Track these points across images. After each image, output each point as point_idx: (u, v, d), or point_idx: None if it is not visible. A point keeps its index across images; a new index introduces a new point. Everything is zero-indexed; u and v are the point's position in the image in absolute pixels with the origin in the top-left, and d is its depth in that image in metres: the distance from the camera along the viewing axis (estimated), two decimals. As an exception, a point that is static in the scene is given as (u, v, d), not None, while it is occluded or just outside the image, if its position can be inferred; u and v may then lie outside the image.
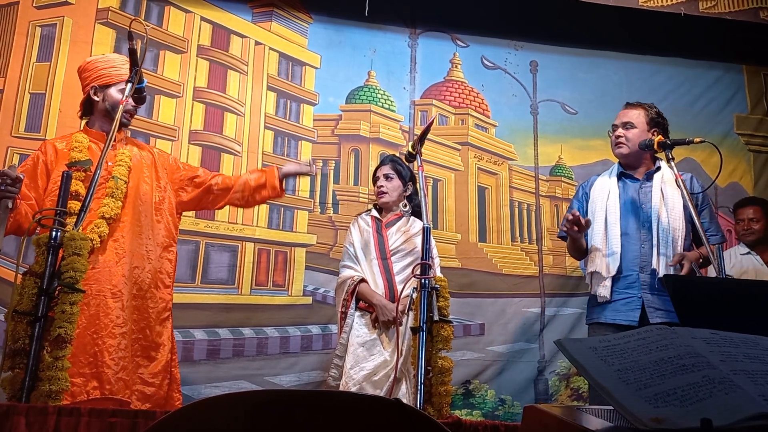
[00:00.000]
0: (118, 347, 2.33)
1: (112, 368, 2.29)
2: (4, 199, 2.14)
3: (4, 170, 2.14)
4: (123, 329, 2.37)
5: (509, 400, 3.91)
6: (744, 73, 4.76)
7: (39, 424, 1.49)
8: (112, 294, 2.38)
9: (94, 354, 2.28)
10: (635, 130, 2.84)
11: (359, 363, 2.80)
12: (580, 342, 0.92)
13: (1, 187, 2.13)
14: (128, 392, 2.34)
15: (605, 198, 2.86)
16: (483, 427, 1.63)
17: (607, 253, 2.77)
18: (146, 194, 2.59)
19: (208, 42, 4.05)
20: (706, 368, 0.80)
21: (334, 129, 4.18)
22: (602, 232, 2.81)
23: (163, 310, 2.55)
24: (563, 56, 4.58)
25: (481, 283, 4.12)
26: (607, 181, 2.91)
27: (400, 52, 4.38)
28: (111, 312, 2.35)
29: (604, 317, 2.79)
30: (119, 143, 2.63)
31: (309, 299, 3.87)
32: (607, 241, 2.79)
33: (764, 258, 3.83)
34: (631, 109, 2.92)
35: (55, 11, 3.80)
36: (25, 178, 2.45)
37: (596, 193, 2.91)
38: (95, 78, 2.59)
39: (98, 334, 2.31)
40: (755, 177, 4.58)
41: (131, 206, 2.52)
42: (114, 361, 2.31)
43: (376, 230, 3.05)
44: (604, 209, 2.84)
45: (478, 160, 4.36)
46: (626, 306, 2.73)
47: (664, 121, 2.90)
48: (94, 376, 2.26)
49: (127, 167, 2.53)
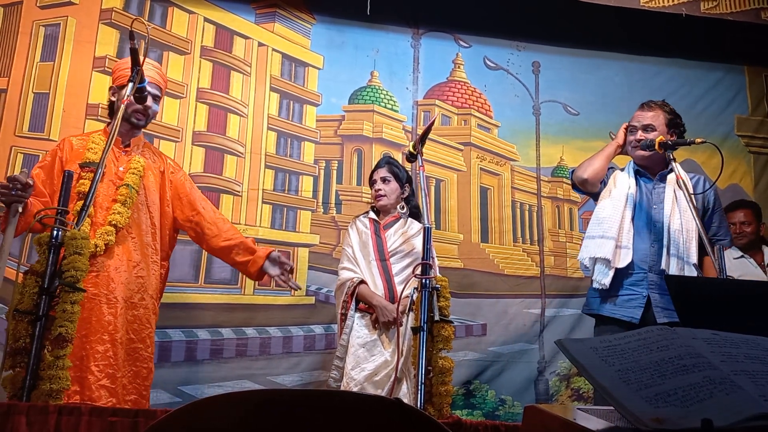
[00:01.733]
0: (105, 354, 2.32)
1: (95, 374, 2.28)
2: (14, 204, 2.15)
3: (15, 176, 2.17)
4: (114, 336, 2.36)
5: (509, 401, 3.91)
6: (745, 74, 4.75)
7: (40, 423, 1.49)
8: (108, 300, 2.38)
9: (80, 358, 2.27)
10: (656, 132, 2.80)
11: (360, 364, 2.81)
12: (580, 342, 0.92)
13: (12, 192, 2.15)
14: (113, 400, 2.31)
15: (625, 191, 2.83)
16: (483, 427, 1.63)
17: (621, 245, 2.76)
18: (153, 205, 2.61)
19: (211, 43, 4.06)
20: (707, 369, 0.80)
21: (337, 129, 4.18)
22: (618, 221, 2.79)
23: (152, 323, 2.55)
24: (565, 57, 4.58)
25: (482, 284, 4.12)
26: (626, 176, 2.89)
27: (402, 52, 4.38)
28: (103, 317, 2.35)
29: (603, 310, 2.77)
30: (134, 149, 2.64)
31: (312, 299, 3.87)
32: (621, 233, 2.77)
33: (757, 260, 3.83)
34: (648, 110, 2.87)
35: (59, 11, 3.81)
36: (42, 174, 2.48)
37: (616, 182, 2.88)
38: (115, 79, 2.64)
39: (87, 338, 2.30)
40: (755, 179, 4.57)
41: (137, 215, 2.53)
42: (98, 368, 2.29)
43: (375, 232, 3.07)
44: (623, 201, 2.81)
45: (481, 160, 4.36)
46: (629, 302, 2.72)
47: (679, 120, 2.87)
48: (77, 379, 2.24)
49: (140, 176, 2.55)
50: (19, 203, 2.16)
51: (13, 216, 2.13)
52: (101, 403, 2.26)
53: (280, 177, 4.00)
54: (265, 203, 3.92)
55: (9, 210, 2.16)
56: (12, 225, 2.11)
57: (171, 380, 3.44)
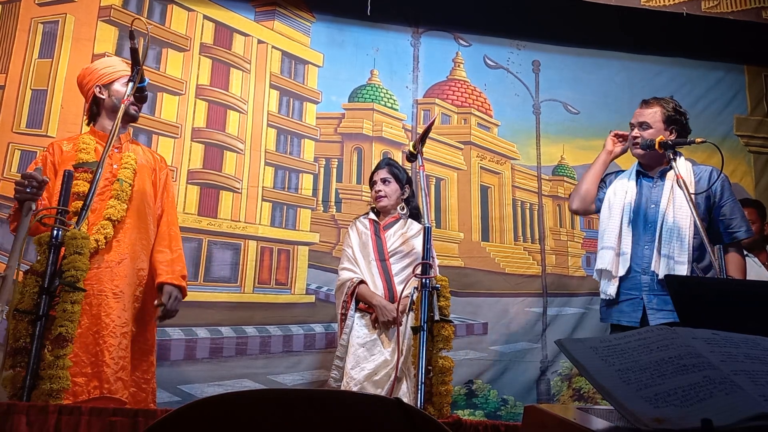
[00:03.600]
0: (119, 346, 2.34)
1: (111, 367, 2.30)
2: (27, 201, 2.13)
3: (31, 173, 2.15)
4: (124, 329, 2.38)
5: (512, 401, 3.91)
6: (745, 73, 4.74)
7: (40, 423, 1.49)
8: (114, 294, 2.39)
9: (95, 353, 2.30)
10: (651, 130, 2.78)
11: (360, 363, 2.82)
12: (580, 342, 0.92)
13: (27, 190, 2.13)
14: (126, 393, 2.35)
15: (623, 198, 2.84)
16: (483, 427, 1.63)
17: (620, 253, 2.76)
18: (149, 197, 2.62)
19: (210, 40, 4.05)
20: (707, 368, 0.80)
21: (336, 127, 4.18)
22: (617, 230, 2.79)
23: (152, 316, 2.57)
24: (565, 56, 4.58)
25: (483, 283, 4.12)
26: (626, 182, 2.89)
27: (402, 51, 4.38)
28: (112, 312, 2.37)
29: (611, 318, 2.79)
30: (124, 144, 2.65)
31: (312, 297, 3.87)
32: (620, 241, 2.78)
33: (761, 259, 3.82)
34: (647, 108, 2.85)
35: (58, 8, 3.81)
36: None
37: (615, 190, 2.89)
38: (97, 78, 2.63)
39: (99, 333, 2.32)
40: (756, 178, 4.57)
41: (134, 208, 2.55)
42: (114, 360, 2.31)
43: (375, 233, 3.08)
44: (621, 209, 2.82)
45: (481, 159, 4.36)
46: (630, 307, 2.72)
47: (681, 116, 2.83)
48: (95, 375, 2.27)
49: (132, 170, 2.57)
50: (33, 201, 2.15)
51: (26, 214, 2.10)
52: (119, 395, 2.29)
53: (280, 174, 4.00)
54: (265, 201, 3.92)
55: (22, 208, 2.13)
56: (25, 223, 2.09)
57: (170, 379, 3.44)
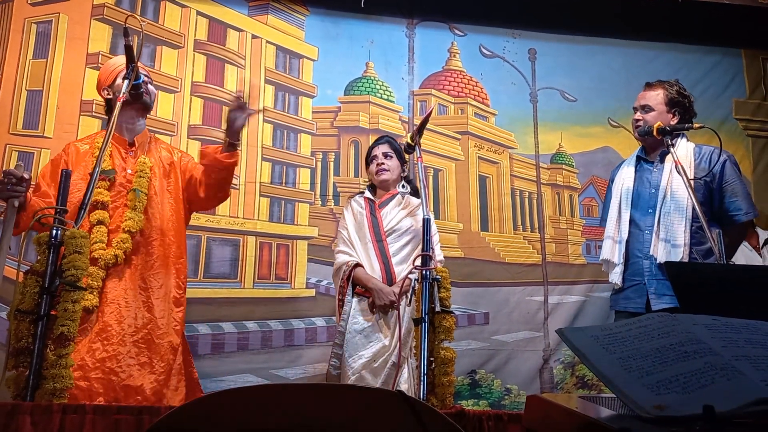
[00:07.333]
0: (128, 355, 2.33)
1: (119, 375, 2.29)
2: (11, 199, 2.13)
3: (9, 170, 2.14)
4: (135, 338, 2.37)
5: (516, 390, 3.92)
6: (743, 57, 4.73)
7: (44, 422, 1.49)
8: (126, 303, 2.38)
9: (101, 360, 2.28)
10: (653, 113, 2.78)
11: (357, 351, 2.78)
12: (581, 331, 0.92)
13: (8, 187, 2.12)
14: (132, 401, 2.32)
15: (620, 185, 2.85)
16: (486, 417, 1.64)
17: (618, 240, 2.77)
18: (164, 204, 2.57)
19: (204, 36, 4.04)
20: (708, 355, 0.80)
21: (333, 121, 4.17)
22: (615, 218, 2.80)
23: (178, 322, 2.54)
24: (561, 44, 4.56)
25: (484, 272, 4.12)
26: (626, 169, 2.89)
27: (397, 42, 4.36)
28: (124, 320, 2.35)
29: (618, 305, 2.81)
30: (140, 148, 2.60)
31: (312, 291, 3.87)
32: (619, 228, 2.79)
33: (752, 243, 3.82)
34: (650, 90, 2.85)
35: (51, 8, 3.79)
36: (48, 178, 2.45)
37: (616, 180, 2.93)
38: (103, 81, 2.62)
39: (109, 341, 2.31)
40: (754, 162, 4.56)
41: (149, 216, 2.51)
42: (121, 368, 2.30)
43: (370, 212, 3.00)
44: (618, 196, 2.83)
45: (479, 149, 4.35)
46: (635, 293, 2.74)
47: (684, 99, 2.82)
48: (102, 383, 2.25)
49: (148, 178, 2.51)
50: (16, 198, 2.13)
51: (11, 211, 2.10)
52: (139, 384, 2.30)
53: (277, 169, 3.99)
54: (263, 196, 3.92)
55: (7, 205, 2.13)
56: (10, 221, 2.09)
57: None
